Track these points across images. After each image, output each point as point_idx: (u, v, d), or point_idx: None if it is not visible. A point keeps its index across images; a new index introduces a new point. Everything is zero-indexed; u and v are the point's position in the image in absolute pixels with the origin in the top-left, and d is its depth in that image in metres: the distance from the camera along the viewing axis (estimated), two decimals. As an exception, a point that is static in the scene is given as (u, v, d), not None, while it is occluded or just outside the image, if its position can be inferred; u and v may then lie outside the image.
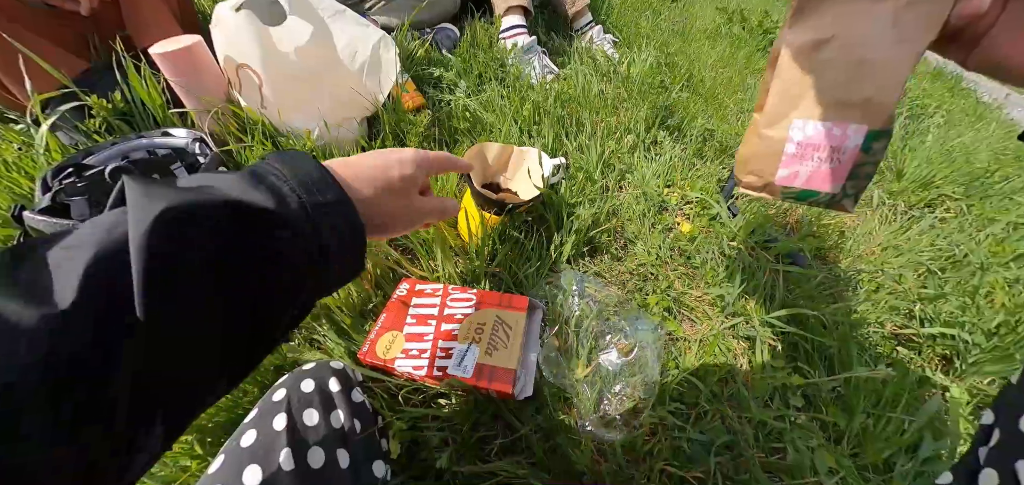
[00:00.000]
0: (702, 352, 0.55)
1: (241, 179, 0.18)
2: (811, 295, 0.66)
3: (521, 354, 0.40)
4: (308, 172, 0.20)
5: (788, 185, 0.22)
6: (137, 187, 0.15)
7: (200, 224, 0.15)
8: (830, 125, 0.20)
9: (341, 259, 0.21)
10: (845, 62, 0.19)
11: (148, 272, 0.13)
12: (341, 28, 0.61)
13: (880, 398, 0.55)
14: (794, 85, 0.20)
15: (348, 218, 0.21)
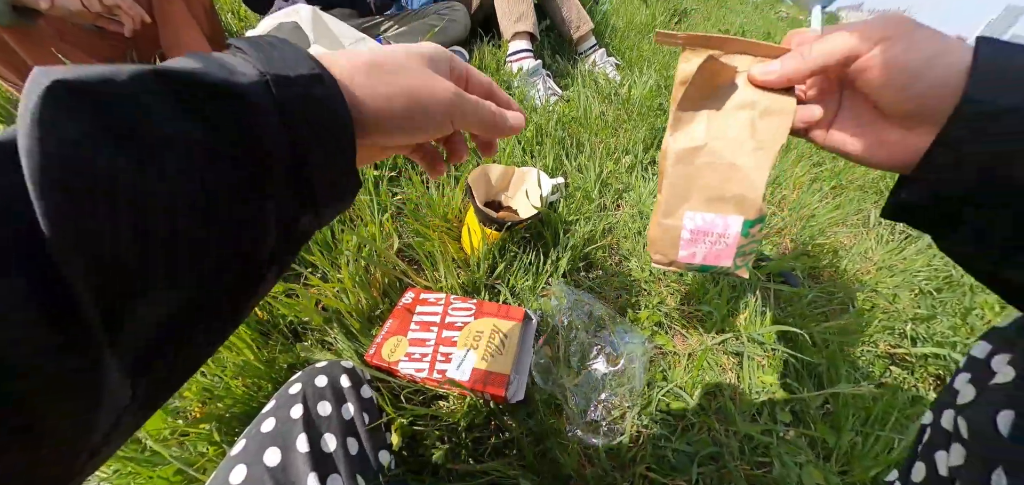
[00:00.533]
0: (691, 366, 0.57)
1: (186, 59, 0.14)
2: (803, 314, 0.68)
3: (515, 361, 0.43)
4: (274, 46, 0.16)
5: (689, 262, 0.26)
6: (33, 73, 0.11)
7: (108, 100, 0.11)
8: (714, 216, 0.24)
9: (322, 157, 0.15)
10: (718, 165, 0.23)
11: (44, 163, 0.10)
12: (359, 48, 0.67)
13: (869, 416, 0.56)
14: (681, 183, 0.24)
15: (328, 98, 0.15)
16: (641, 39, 1.32)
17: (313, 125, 0.15)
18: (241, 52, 0.15)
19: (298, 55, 0.15)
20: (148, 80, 0.12)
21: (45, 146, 0.10)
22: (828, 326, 0.66)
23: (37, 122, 0.10)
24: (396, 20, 1.03)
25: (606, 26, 1.31)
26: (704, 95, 0.23)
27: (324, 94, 0.15)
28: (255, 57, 0.15)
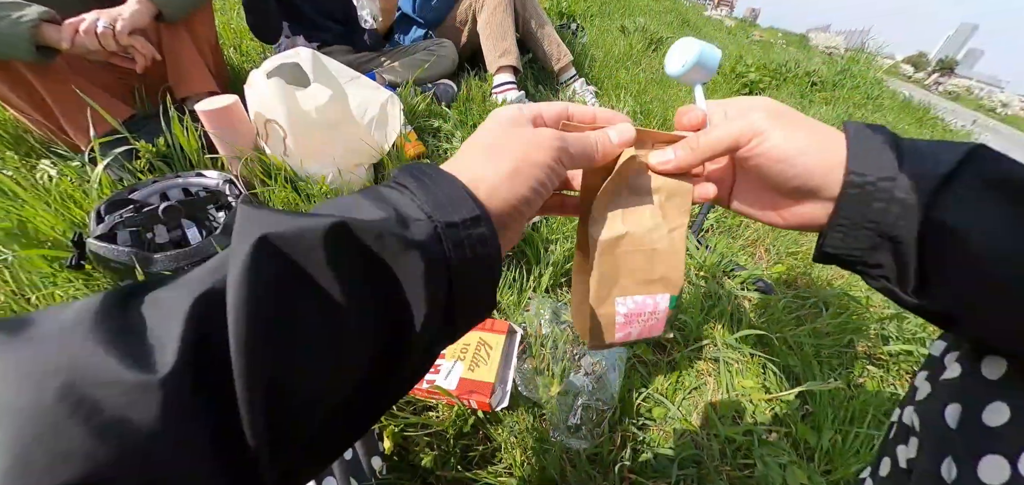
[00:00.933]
0: (669, 373, 0.60)
1: (363, 197, 0.16)
2: (778, 319, 0.71)
3: (499, 370, 0.46)
4: (440, 187, 0.17)
5: (625, 340, 0.27)
6: (244, 213, 0.13)
7: (309, 251, 0.13)
8: (644, 298, 0.26)
9: (472, 293, 0.18)
10: (640, 252, 0.25)
11: (247, 309, 0.12)
12: (355, 90, 0.73)
13: (848, 414, 0.59)
14: (610, 271, 0.25)
15: (484, 241, 0.17)
16: (619, 68, 1.42)
17: (471, 270, 0.17)
18: (408, 190, 0.17)
19: (457, 191, 0.17)
20: (340, 235, 0.14)
21: (252, 292, 0.12)
22: (802, 330, 0.69)
23: (246, 272, 0.12)
24: (389, 56, 1.10)
25: (586, 57, 1.41)
26: (618, 187, 0.24)
27: (481, 236, 0.17)
28: (422, 198, 0.17)
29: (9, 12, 0.60)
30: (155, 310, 0.12)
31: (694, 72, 0.27)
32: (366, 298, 0.15)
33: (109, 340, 0.11)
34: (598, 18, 2.34)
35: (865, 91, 2.37)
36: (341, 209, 0.16)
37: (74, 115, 0.70)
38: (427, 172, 0.18)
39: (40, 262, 0.54)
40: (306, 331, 0.13)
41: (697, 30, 3.44)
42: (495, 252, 0.18)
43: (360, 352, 0.15)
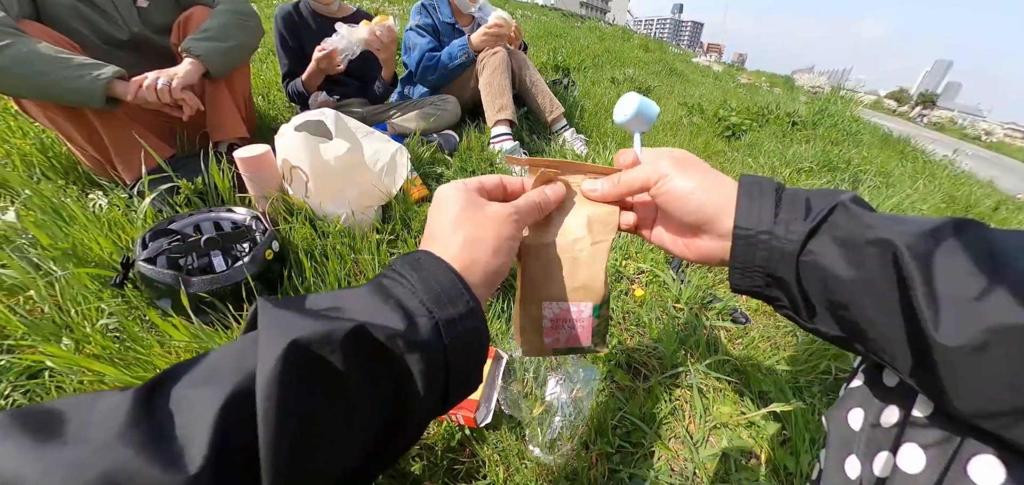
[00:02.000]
0: (646, 399, 0.65)
1: (371, 295, 0.18)
2: (755, 347, 0.75)
3: (484, 390, 0.52)
4: (437, 280, 0.20)
5: (554, 346, 0.29)
6: (268, 314, 0.15)
7: (331, 356, 0.15)
8: (568, 304, 0.28)
9: (465, 376, 0.20)
10: (565, 259, 0.27)
11: (277, 417, 0.13)
12: (370, 143, 0.84)
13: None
14: (539, 275, 0.27)
15: (477, 331, 0.20)
16: (606, 118, 1.56)
17: (465, 357, 0.20)
18: (408, 283, 0.19)
19: (453, 285, 0.20)
20: (358, 339, 0.16)
21: (282, 399, 0.13)
22: (777, 357, 0.73)
23: (279, 377, 0.13)
24: (399, 108, 1.24)
25: (577, 108, 1.56)
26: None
27: (474, 327, 0.20)
28: (422, 292, 0.19)
29: (90, 70, 0.73)
30: (183, 411, 0.13)
31: (634, 122, 0.32)
32: (376, 391, 0.17)
33: (141, 442, 0.12)
34: (591, 70, 2.56)
35: (843, 128, 2.50)
36: (350, 307, 0.18)
37: (125, 153, 0.82)
38: (424, 264, 0.21)
39: (86, 280, 0.62)
40: (326, 428, 0.15)
41: (684, 78, 3.69)
42: (485, 338, 0.21)
43: (368, 436, 0.17)
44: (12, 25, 0.71)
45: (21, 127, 0.97)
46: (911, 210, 1.56)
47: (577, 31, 4.64)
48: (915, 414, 0.20)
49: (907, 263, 0.18)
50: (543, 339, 0.29)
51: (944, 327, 0.16)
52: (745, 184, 0.24)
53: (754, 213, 0.23)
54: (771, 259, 0.23)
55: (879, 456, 0.21)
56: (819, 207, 0.22)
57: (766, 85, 5.66)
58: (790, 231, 0.22)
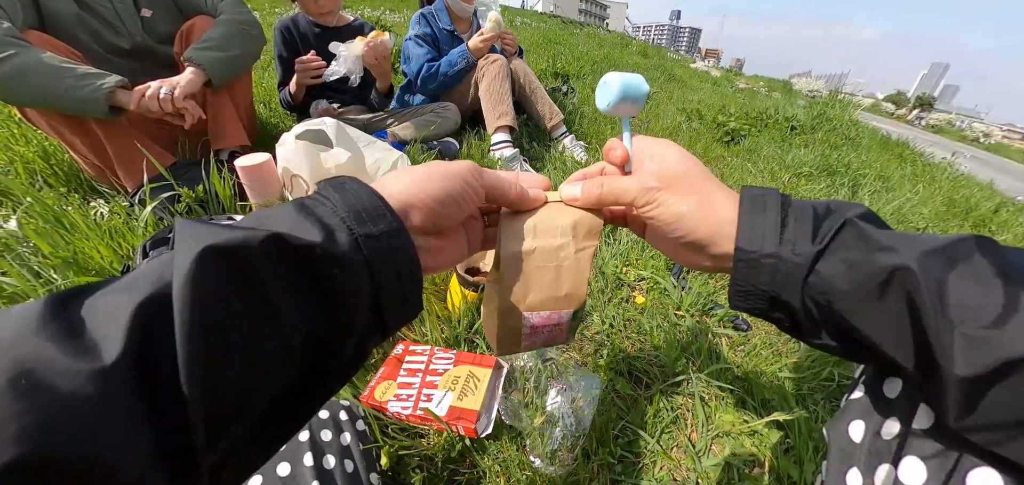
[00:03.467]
0: (648, 407, 0.64)
1: (293, 212, 0.18)
2: (756, 354, 0.75)
3: (485, 400, 0.51)
4: (360, 199, 0.19)
5: (531, 349, 0.29)
6: (184, 227, 0.15)
7: (247, 261, 0.15)
8: (548, 313, 0.27)
9: (397, 296, 0.20)
10: (549, 268, 0.26)
11: (191, 315, 0.13)
12: (370, 151, 0.85)
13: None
14: (519, 285, 0.26)
15: (403, 250, 0.20)
16: (605, 124, 1.57)
17: (392, 273, 0.19)
18: (330, 202, 0.19)
19: (375, 203, 0.19)
20: (273, 248, 0.16)
21: (195, 299, 0.13)
22: (779, 364, 0.73)
23: (190, 281, 0.13)
24: (400, 116, 1.25)
25: (576, 115, 1.56)
26: (530, 213, 0.26)
27: (399, 246, 0.19)
28: (343, 209, 0.19)
29: (94, 79, 0.73)
30: (96, 313, 0.13)
31: (620, 108, 0.27)
32: (298, 302, 0.16)
33: (55, 335, 0.12)
34: (590, 76, 2.58)
35: (842, 132, 2.50)
36: (272, 222, 0.17)
37: (127, 161, 0.82)
38: (347, 186, 0.20)
39: None
40: (246, 332, 0.15)
41: (682, 83, 3.71)
42: (410, 257, 0.20)
43: (295, 349, 0.16)
44: (16, 35, 0.72)
45: (25, 135, 0.98)
46: (911, 213, 1.56)
47: (576, 38, 4.68)
48: (916, 426, 0.20)
49: (919, 287, 0.17)
50: (520, 344, 0.28)
51: (957, 356, 0.16)
52: (747, 199, 0.23)
53: (757, 232, 0.22)
54: (776, 282, 0.22)
55: (880, 468, 0.21)
56: (828, 226, 0.21)
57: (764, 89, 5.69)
58: (797, 253, 0.21)
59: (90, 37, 0.86)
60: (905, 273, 0.18)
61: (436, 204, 0.22)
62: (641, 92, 0.27)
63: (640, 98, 0.27)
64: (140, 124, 0.86)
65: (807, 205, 0.22)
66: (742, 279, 0.23)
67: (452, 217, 0.23)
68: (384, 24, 2.91)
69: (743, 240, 0.22)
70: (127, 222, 0.76)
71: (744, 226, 0.22)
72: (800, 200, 0.23)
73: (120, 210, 0.79)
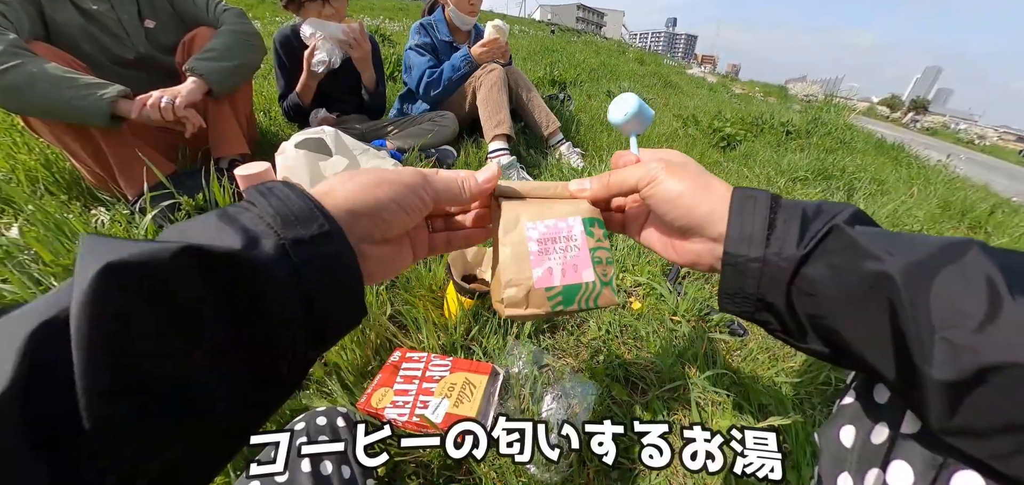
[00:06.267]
0: (644, 413, 0.64)
1: (215, 220, 0.17)
2: (753, 359, 0.75)
3: (481, 407, 0.52)
4: (288, 203, 0.18)
5: (548, 285, 0.23)
6: (88, 243, 0.13)
7: (156, 276, 0.13)
8: (554, 221, 0.24)
9: (334, 304, 0.19)
10: (540, 203, 0.25)
11: (90, 339, 0.11)
12: (367, 160, 0.86)
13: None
14: (515, 204, 0.25)
15: (338, 255, 0.18)
16: (602, 131, 1.58)
17: (325, 281, 0.18)
18: (256, 208, 0.18)
19: (306, 206, 0.18)
20: (185, 261, 0.14)
21: (95, 321, 0.12)
22: (775, 369, 0.73)
23: (90, 301, 0.12)
24: (398, 124, 1.27)
25: (573, 122, 1.58)
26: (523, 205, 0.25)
27: (332, 252, 0.18)
28: (270, 215, 0.17)
29: (96, 89, 0.75)
30: None
31: (633, 123, 0.31)
32: (221, 315, 0.15)
33: None
34: (587, 83, 2.60)
35: (837, 136, 2.52)
36: (189, 234, 0.16)
37: (128, 169, 0.83)
38: (276, 189, 0.19)
39: None
40: (160, 354, 0.13)
41: (679, 89, 3.75)
42: (347, 263, 0.19)
43: (222, 367, 0.15)
44: (21, 46, 0.73)
45: (27, 143, 0.99)
46: (906, 216, 1.57)
47: (573, 46, 4.74)
48: (903, 430, 0.20)
49: (900, 294, 0.17)
50: (531, 273, 0.23)
51: (937, 361, 0.16)
52: (737, 200, 0.23)
53: (745, 234, 0.22)
54: (761, 286, 0.22)
55: (870, 473, 0.21)
56: (814, 230, 0.21)
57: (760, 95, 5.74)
58: (782, 257, 0.21)
59: (94, 48, 0.88)
60: (887, 280, 0.18)
61: (382, 211, 0.21)
62: (649, 114, 0.31)
63: (648, 119, 0.31)
64: (141, 133, 0.87)
65: (797, 206, 0.22)
66: (730, 282, 0.23)
67: (397, 225, 0.22)
68: (383, 33, 2.95)
69: (731, 243, 0.23)
70: (128, 230, 0.77)
71: (733, 227, 0.23)
72: (791, 200, 0.23)
73: (121, 218, 0.80)
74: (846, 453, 0.23)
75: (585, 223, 0.25)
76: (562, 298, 0.24)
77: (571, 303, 0.24)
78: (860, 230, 0.20)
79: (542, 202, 0.26)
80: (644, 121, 0.31)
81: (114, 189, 0.87)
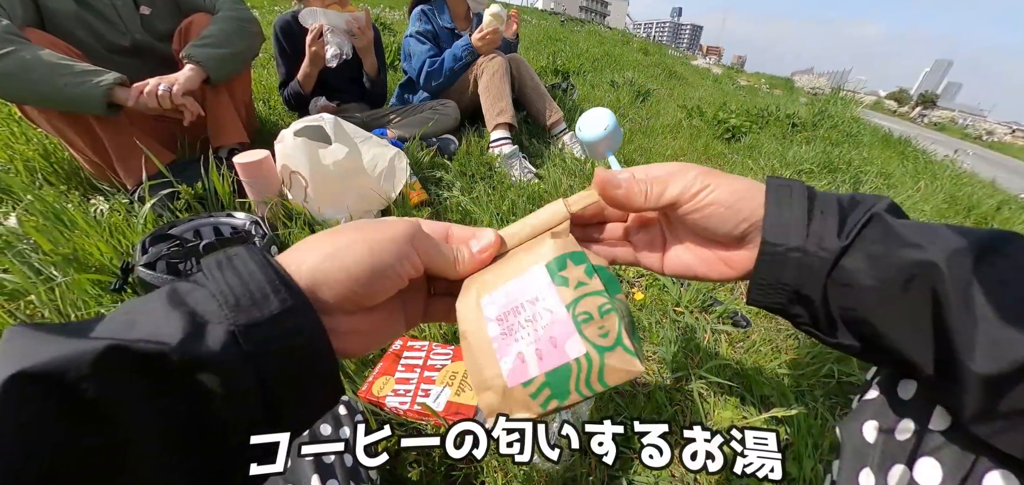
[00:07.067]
0: (646, 404, 0.64)
1: (163, 303, 0.15)
2: (755, 351, 0.75)
3: (483, 396, 0.52)
4: (247, 276, 0.16)
5: (524, 379, 0.18)
6: (6, 341, 0.12)
7: (75, 383, 0.12)
8: (512, 282, 0.18)
9: (299, 392, 0.17)
10: (505, 261, 0.20)
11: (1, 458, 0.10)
12: (368, 148, 0.85)
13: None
14: (478, 274, 0.20)
15: (301, 333, 0.16)
16: (606, 120, 1.56)
17: (287, 368, 0.16)
18: (208, 285, 0.16)
19: (265, 278, 0.16)
20: (114, 362, 0.12)
21: (4, 437, 0.10)
22: (778, 361, 0.73)
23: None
24: (399, 113, 1.25)
25: (576, 112, 1.56)
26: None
27: (292, 327, 0.16)
28: (223, 293, 0.15)
29: (92, 77, 0.73)
30: None
31: (608, 140, 0.27)
32: (154, 428, 0.13)
33: None
34: (591, 73, 2.57)
35: (843, 129, 2.48)
36: (122, 326, 0.14)
37: (126, 158, 0.83)
38: (235, 261, 0.17)
39: (86, 285, 0.62)
40: (85, 473, 0.12)
41: (683, 80, 3.70)
42: (315, 343, 0.17)
43: (159, 479, 0.14)
44: (16, 32, 0.72)
45: (24, 133, 0.98)
46: (913, 210, 1.55)
47: (576, 35, 4.67)
48: (931, 427, 0.20)
49: (945, 283, 0.17)
50: (498, 367, 0.18)
51: (979, 354, 0.16)
52: (773, 189, 0.22)
53: (783, 225, 0.21)
54: (800, 277, 0.21)
55: (894, 469, 0.20)
56: (854, 220, 0.20)
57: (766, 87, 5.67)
58: (822, 248, 0.20)
59: (89, 35, 0.87)
60: (931, 269, 0.17)
61: (352, 283, 0.18)
62: (620, 132, 0.28)
63: (621, 134, 0.28)
64: (139, 121, 0.87)
65: (832, 197, 0.22)
66: (766, 273, 0.22)
67: (377, 294, 0.19)
68: (383, 22, 2.91)
69: (769, 232, 0.21)
70: (127, 219, 0.76)
71: (770, 217, 0.21)
72: (824, 192, 0.22)
73: (120, 207, 0.79)
74: (868, 448, 0.22)
75: (549, 270, 0.18)
76: (551, 391, 0.18)
77: (564, 396, 0.19)
78: (898, 220, 0.20)
79: (508, 258, 0.20)
80: (618, 138, 0.28)
81: (113, 178, 0.87)
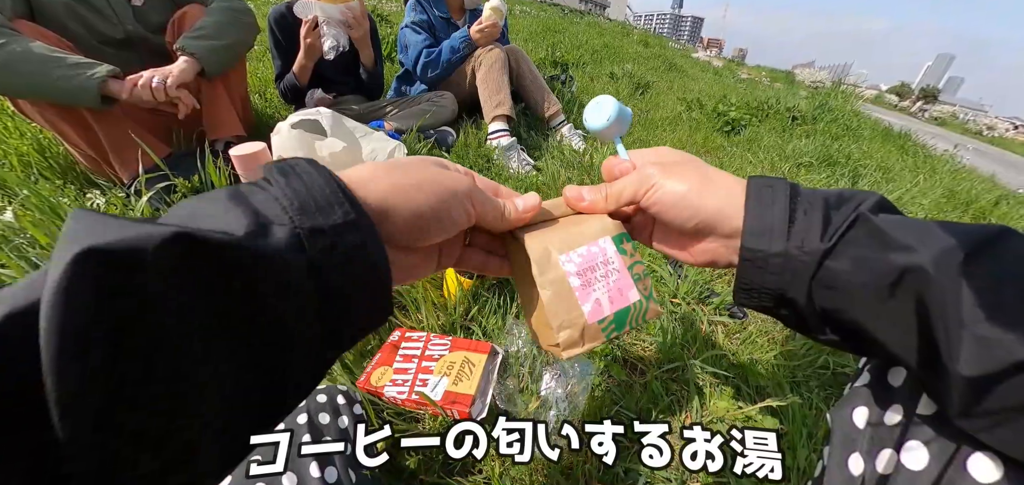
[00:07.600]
0: (643, 394, 0.65)
1: (225, 200, 0.15)
2: (752, 342, 0.76)
3: (480, 385, 0.52)
4: (312, 184, 0.16)
5: (600, 317, 0.22)
6: (73, 221, 0.12)
7: (136, 269, 0.11)
8: (585, 247, 0.23)
9: (356, 304, 0.17)
10: (567, 223, 0.24)
11: (61, 336, 0.10)
12: (367, 141, 0.84)
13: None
14: (536, 235, 0.23)
15: (364, 247, 0.16)
16: (605, 113, 1.55)
17: (347, 278, 0.15)
18: (272, 188, 0.15)
19: (329, 190, 0.16)
20: (175, 249, 0.12)
21: (64, 315, 0.10)
22: (774, 352, 0.73)
23: (61, 291, 0.10)
24: (396, 105, 1.24)
25: (574, 104, 1.55)
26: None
27: (356, 242, 0.16)
28: (288, 197, 0.15)
29: (85, 69, 0.73)
30: None
31: (614, 127, 0.29)
32: (218, 317, 0.13)
33: None
34: (590, 65, 2.55)
35: (844, 123, 2.48)
36: (190, 216, 0.14)
37: (122, 152, 0.82)
38: (298, 168, 0.16)
39: None
40: (139, 357, 0.11)
41: (683, 73, 3.67)
42: (375, 259, 0.16)
43: (219, 373, 0.13)
44: (6, 25, 0.71)
45: (19, 128, 0.97)
46: (912, 204, 1.56)
47: (576, 27, 4.62)
48: (919, 412, 0.20)
49: (931, 287, 0.17)
50: (583, 308, 0.22)
51: (964, 356, 0.16)
52: (754, 189, 0.22)
53: (764, 228, 0.21)
54: (783, 281, 0.21)
55: (882, 453, 0.21)
56: (838, 221, 0.20)
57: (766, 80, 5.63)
58: (804, 251, 0.20)
59: (81, 27, 0.85)
60: (918, 273, 0.17)
61: (416, 220, 0.19)
62: (628, 114, 0.29)
63: (629, 117, 0.29)
64: (134, 114, 0.86)
65: (817, 195, 0.21)
66: (748, 278, 0.22)
67: (434, 238, 0.20)
68: (380, 13, 2.88)
69: (749, 237, 0.21)
70: (123, 213, 0.76)
71: (750, 219, 0.21)
72: (810, 189, 0.22)
73: (116, 201, 0.79)
74: (858, 434, 0.22)
75: (615, 242, 0.24)
76: (614, 325, 0.23)
77: (622, 327, 0.24)
78: (885, 219, 0.19)
79: (560, 226, 0.25)
80: (625, 122, 0.29)
81: (108, 172, 0.86)
